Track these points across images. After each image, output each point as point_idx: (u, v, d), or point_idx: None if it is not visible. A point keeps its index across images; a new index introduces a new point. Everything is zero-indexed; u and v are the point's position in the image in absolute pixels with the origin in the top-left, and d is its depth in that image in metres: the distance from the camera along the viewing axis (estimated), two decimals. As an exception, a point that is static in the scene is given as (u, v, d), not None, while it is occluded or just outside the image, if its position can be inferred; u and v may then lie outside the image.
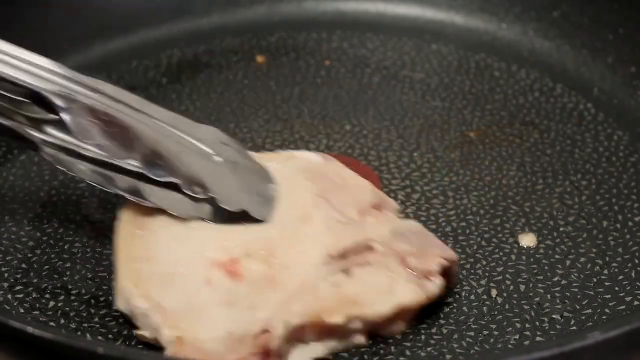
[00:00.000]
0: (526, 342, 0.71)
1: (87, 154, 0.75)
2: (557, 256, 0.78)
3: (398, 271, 0.72)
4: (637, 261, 0.77)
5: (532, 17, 1.03)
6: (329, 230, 0.74)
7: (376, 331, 0.71)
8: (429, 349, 0.70)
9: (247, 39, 1.04)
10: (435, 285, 0.72)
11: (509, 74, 0.99)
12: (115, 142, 0.74)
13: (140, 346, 0.70)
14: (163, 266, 0.72)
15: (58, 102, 0.74)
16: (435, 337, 0.71)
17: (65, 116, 0.74)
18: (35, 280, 0.76)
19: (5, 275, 0.77)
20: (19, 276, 0.77)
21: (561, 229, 0.80)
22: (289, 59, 1.01)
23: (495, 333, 0.72)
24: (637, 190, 0.84)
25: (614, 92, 0.95)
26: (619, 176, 0.85)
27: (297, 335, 0.69)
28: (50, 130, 0.75)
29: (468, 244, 0.79)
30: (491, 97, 0.96)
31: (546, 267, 0.77)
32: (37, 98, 0.74)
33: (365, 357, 0.70)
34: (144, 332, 0.70)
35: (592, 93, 0.95)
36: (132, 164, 0.74)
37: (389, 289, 0.71)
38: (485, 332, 0.72)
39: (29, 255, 0.78)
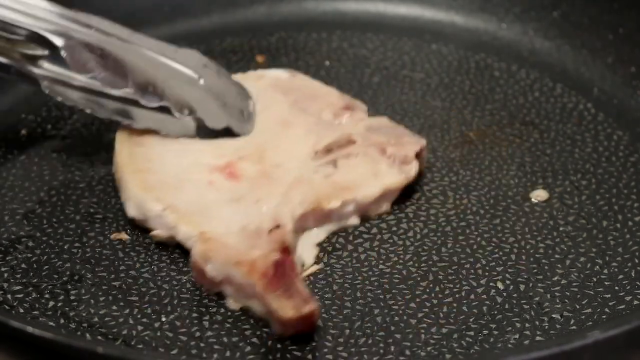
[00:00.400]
0: (526, 342, 0.71)
1: (80, 84, 0.82)
2: (557, 256, 0.78)
3: (379, 159, 0.82)
4: (637, 261, 0.77)
5: (532, 17, 1.03)
6: (310, 132, 0.83)
7: (366, 212, 0.80)
8: (429, 348, 0.71)
9: (247, 39, 1.04)
10: (412, 168, 0.82)
11: (509, 74, 0.98)
12: (110, 73, 0.82)
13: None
14: (166, 175, 0.80)
15: (55, 40, 0.81)
16: (435, 337, 0.71)
17: (63, 52, 0.81)
18: (35, 280, 0.76)
19: (5, 275, 0.77)
20: (18, 276, 0.77)
21: (561, 228, 0.80)
22: (289, 59, 1.01)
23: (495, 333, 0.72)
24: (637, 190, 0.84)
25: (614, 92, 0.95)
26: (619, 176, 0.85)
27: (301, 224, 0.77)
28: (45, 64, 0.82)
29: (468, 244, 0.79)
30: (491, 97, 0.96)
31: (546, 267, 0.77)
32: (36, 37, 0.81)
33: (365, 356, 0.70)
34: (160, 232, 0.77)
35: (592, 93, 0.95)
36: (125, 91, 0.82)
37: (374, 174, 0.81)
38: (485, 332, 0.72)
39: (29, 255, 0.78)
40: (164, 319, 0.73)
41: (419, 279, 0.76)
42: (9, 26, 0.80)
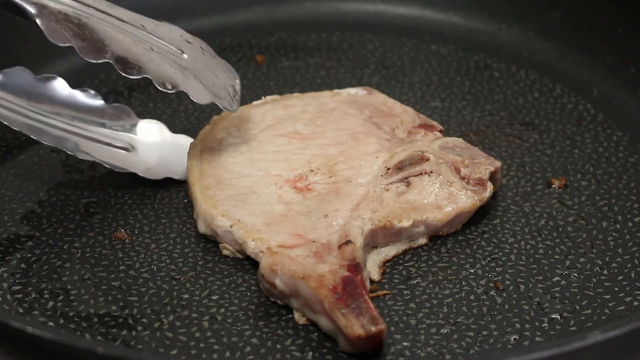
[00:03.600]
0: (526, 342, 0.71)
1: (25, 112, 0.80)
2: (557, 256, 0.78)
3: (452, 179, 0.79)
4: (637, 261, 0.77)
5: (532, 17, 1.03)
6: (382, 148, 0.82)
7: (435, 232, 0.79)
8: (428, 349, 0.70)
9: (247, 39, 1.04)
10: (487, 190, 0.80)
11: (508, 75, 0.99)
12: (89, 43, 0.77)
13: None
14: (235, 188, 0.79)
15: (30, 8, 0.77)
16: (435, 337, 0.71)
17: (38, 21, 0.76)
18: (34, 281, 0.76)
19: (5, 275, 0.77)
20: (18, 276, 0.77)
21: (561, 229, 0.80)
22: (289, 59, 1.01)
23: (495, 333, 0.72)
24: (637, 190, 0.84)
25: (613, 93, 0.95)
26: (619, 176, 0.85)
27: (370, 241, 0.76)
28: None
29: (468, 243, 0.79)
30: (491, 97, 0.96)
31: (546, 267, 0.77)
32: (8, 4, 0.77)
33: (365, 356, 0.70)
34: (229, 247, 0.77)
35: (591, 94, 0.95)
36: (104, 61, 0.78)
37: (448, 195, 0.79)
38: (485, 332, 0.72)
39: (29, 255, 0.78)
40: (164, 319, 0.73)
41: (419, 279, 0.76)
42: None
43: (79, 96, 0.83)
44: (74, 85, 0.97)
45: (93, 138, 0.82)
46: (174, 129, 0.91)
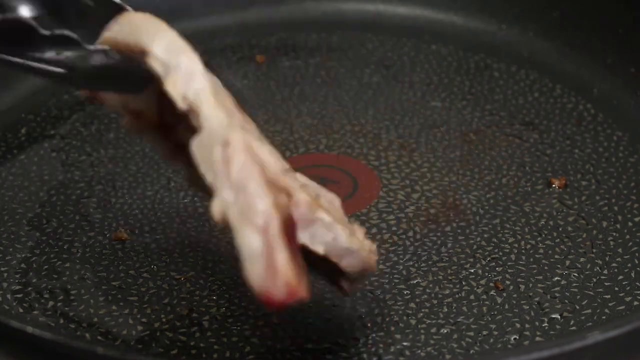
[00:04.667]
0: (526, 342, 0.71)
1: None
2: (557, 256, 0.78)
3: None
4: (637, 261, 0.77)
5: (532, 17, 1.03)
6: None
7: None
8: (428, 349, 0.71)
9: (247, 39, 1.04)
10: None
11: (508, 75, 0.99)
12: None
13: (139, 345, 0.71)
14: None
15: None
16: (435, 337, 0.71)
17: None
18: (34, 281, 0.76)
19: (4, 275, 0.77)
20: (18, 276, 0.77)
21: (561, 229, 0.80)
22: (289, 59, 1.01)
23: (495, 333, 0.72)
24: (637, 190, 0.84)
25: (613, 93, 0.95)
26: (619, 176, 0.85)
27: None
28: None
29: (468, 244, 0.79)
30: (491, 98, 0.96)
31: (546, 267, 0.77)
32: None
33: (365, 356, 0.70)
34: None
35: (591, 94, 0.95)
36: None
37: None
38: (485, 332, 0.72)
39: (28, 255, 0.78)
40: (164, 319, 0.73)
41: (419, 279, 0.76)
42: None
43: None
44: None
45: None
46: (174, 129, 0.91)
